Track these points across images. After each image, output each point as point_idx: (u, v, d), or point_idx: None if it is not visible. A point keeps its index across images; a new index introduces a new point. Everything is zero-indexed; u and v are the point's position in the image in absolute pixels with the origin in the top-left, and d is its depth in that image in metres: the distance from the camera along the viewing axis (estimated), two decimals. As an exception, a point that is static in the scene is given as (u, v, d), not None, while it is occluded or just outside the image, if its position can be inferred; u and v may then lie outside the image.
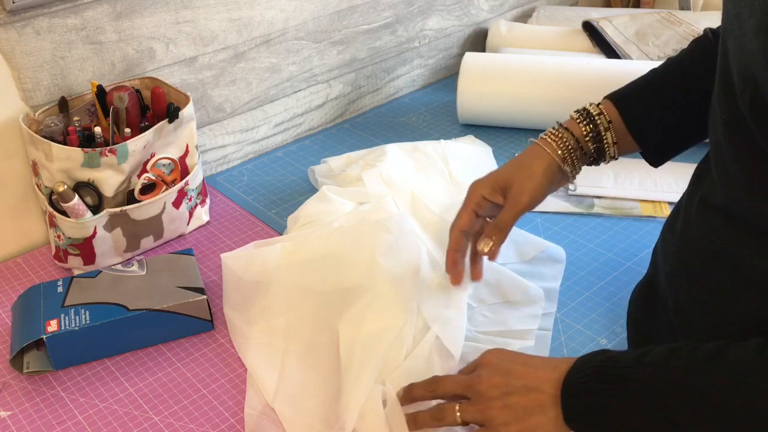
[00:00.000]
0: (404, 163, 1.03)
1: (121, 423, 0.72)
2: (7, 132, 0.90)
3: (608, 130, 0.74)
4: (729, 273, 0.58)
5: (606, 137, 0.74)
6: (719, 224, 0.59)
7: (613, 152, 0.75)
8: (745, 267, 0.57)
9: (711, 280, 0.61)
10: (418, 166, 1.03)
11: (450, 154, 1.05)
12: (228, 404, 0.74)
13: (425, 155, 1.05)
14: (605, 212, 1.01)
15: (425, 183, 0.99)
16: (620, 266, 0.91)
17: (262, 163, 1.17)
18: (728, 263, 0.58)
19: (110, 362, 0.79)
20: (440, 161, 1.04)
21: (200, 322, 0.82)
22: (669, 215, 0.72)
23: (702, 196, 0.62)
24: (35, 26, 0.87)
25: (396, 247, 0.82)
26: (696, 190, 0.65)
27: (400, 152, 1.06)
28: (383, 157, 1.03)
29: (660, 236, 0.73)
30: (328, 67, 1.23)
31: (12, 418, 0.73)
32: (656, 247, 0.74)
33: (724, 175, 0.58)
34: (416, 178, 1.00)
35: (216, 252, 0.95)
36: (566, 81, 1.16)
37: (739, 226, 0.57)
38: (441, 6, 1.36)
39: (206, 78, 1.07)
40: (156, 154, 0.91)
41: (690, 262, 0.64)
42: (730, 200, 0.58)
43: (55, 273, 0.93)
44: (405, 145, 1.09)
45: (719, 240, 0.59)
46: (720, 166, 0.59)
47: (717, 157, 0.60)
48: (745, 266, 0.57)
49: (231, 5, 1.04)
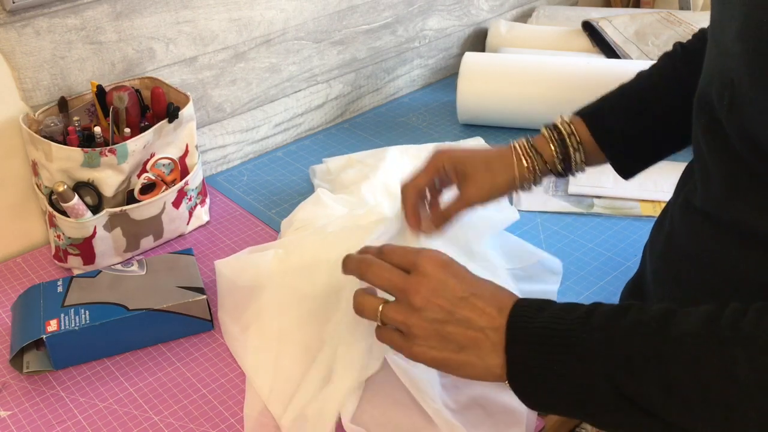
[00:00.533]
0: (404, 167, 1.03)
1: (121, 423, 0.72)
2: (7, 132, 0.90)
3: (577, 150, 0.75)
4: (710, 273, 0.60)
5: (575, 158, 0.76)
6: (700, 225, 0.60)
7: (579, 168, 0.77)
8: (726, 267, 0.58)
9: (693, 279, 0.62)
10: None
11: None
12: (228, 404, 0.74)
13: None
14: (605, 212, 1.01)
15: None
16: (620, 266, 0.91)
17: (262, 163, 1.17)
18: (709, 263, 0.59)
19: (110, 362, 0.79)
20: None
21: (200, 322, 0.82)
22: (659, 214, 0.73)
23: (685, 196, 0.64)
24: (35, 26, 0.87)
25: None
26: (681, 191, 0.66)
27: (401, 155, 1.06)
28: (382, 162, 1.03)
29: (650, 235, 0.74)
30: (328, 67, 1.23)
31: (12, 418, 0.73)
32: (646, 245, 0.75)
33: (704, 177, 0.60)
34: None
35: (216, 252, 0.95)
36: (566, 81, 1.16)
37: (718, 227, 0.58)
38: (441, 6, 1.36)
39: (206, 78, 1.07)
40: (156, 154, 0.91)
41: (674, 261, 0.65)
42: (710, 202, 0.59)
43: (55, 273, 0.93)
44: (408, 148, 1.08)
45: (701, 241, 0.60)
46: (700, 168, 0.61)
47: (698, 159, 0.61)
48: (726, 267, 0.58)
49: (231, 5, 1.04)
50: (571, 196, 1.04)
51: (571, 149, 0.75)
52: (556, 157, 0.75)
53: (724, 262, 0.58)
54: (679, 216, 0.64)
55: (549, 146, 0.76)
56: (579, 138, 0.75)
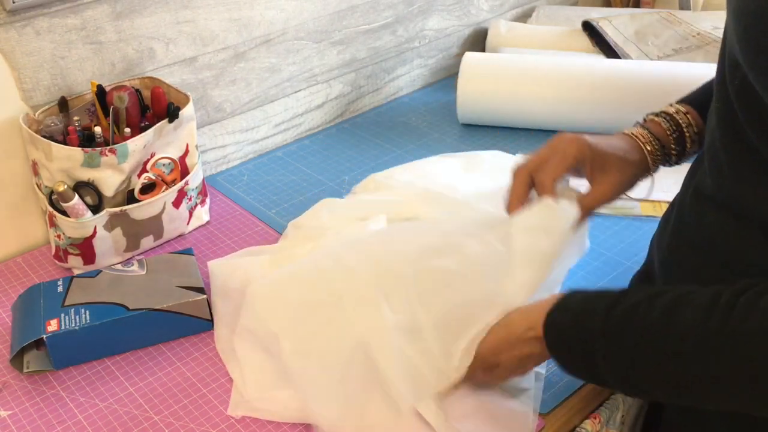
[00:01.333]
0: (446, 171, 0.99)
1: (121, 423, 0.72)
2: (7, 132, 0.90)
3: (695, 142, 0.73)
4: (719, 261, 0.60)
5: (691, 148, 0.73)
6: (710, 213, 0.61)
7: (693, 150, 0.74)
8: (735, 255, 0.58)
9: (702, 268, 0.62)
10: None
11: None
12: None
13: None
14: (605, 212, 1.01)
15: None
16: (620, 266, 0.91)
17: (262, 163, 1.17)
18: (718, 251, 0.60)
19: (110, 362, 0.79)
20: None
21: (200, 321, 0.82)
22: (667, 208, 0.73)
23: (695, 186, 0.64)
24: (35, 26, 0.87)
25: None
26: (690, 182, 0.66)
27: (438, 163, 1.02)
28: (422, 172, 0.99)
29: (657, 228, 0.74)
30: (328, 67, 1.23)
31: (12, 418, 0.73)
32: (653, 239, 0.76)
33: (715, 163, 0.60)
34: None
35: (216, 252, 0.95)
36: (566, 81, 1.16)
37: (728, 214, 0.59)
38: (441, 6, 1.36)
39: (206, 78, 1.07)
40: (156, 154, 0.91)
41: (682, 250, 0.65)
42: (720, 189, 0.59)
43: (55, 273, 0.93)
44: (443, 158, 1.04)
45: (710, 230, 0.61)
46: (711, 155, 0.61)
47: (710, 146, 0.62)
48: (735, 255, 0.58)
49: (231, 5, 1.04)
50: (571, 196, 1.04)
51: (689, 141, 0.73)
52: (674, 148, 0.73)
53: (733, 251, 0.59)
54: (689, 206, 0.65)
55: (667, 136, 0.73)
56: (696, 129, 0.73)
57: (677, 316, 0.54)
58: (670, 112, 0.74)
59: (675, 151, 0.74)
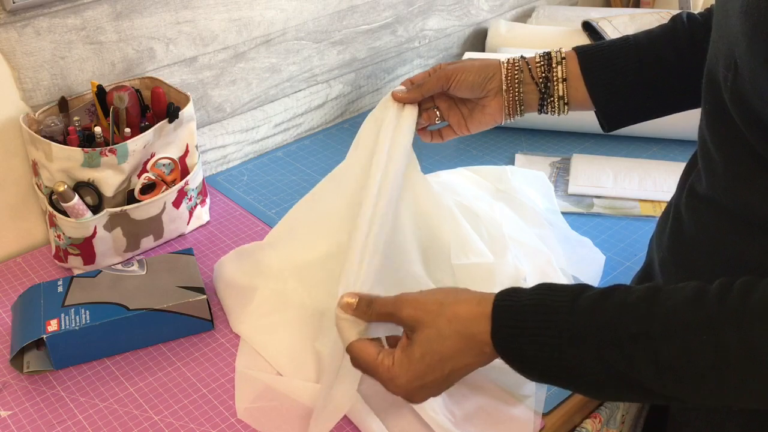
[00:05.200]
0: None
1: (121, 423, 0.72)
2: (7, 132, 0.90)
3: (560, 64, 0.76)
4: (717, 259, 0.60)
5: (556, 71, 0.76)
6: (706, 212, 0.61)
7: (561, 91, 0.76)
8: (732, 253, 0.58)
9: (700, 266, 0.62)
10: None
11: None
12: (228, 404, 0.74)
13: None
14: (605, 212, 1.01)
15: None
16: (620, 266, 0.91)
17: (262, 163, 1.17)
18: (716, 250, 0.60)
19: (110, 362, 0.79)
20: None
21: (200, 321, 0.82)
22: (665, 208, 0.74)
23: (690, 185, 0.64)
24: (35, 26, 0.87)
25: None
26: (684, 183, 0.67)
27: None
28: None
29: (655, 228, 0.75)
30: (328, 67, 1.23)
31: (12, 418, 0.73)
32: (652, 239, 0.76)
33: (708, 163, 0.60)
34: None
35: (216, 252, 0.95)
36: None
37: (724, 213, 0.59)
38: (441, 6, 1.36)
39: (206, 78, 1.07)
40: (156, 154, 0.91)
41: (681, 249, 0.66)
42: (714, 188, 0.59)
43: (55, 273, 0.93)
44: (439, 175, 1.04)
45: (706, 228, 0.61)
46: (704, 154, 0.61)
47: (702, 146, 0.62)
48: (732, 252, 0.58)
49: (231, 5, 1.04)
50: (570, 196, 1.04)
51: (555, 61, 0.76)
52: (539, 63, 0.77)
53: (730, 248, 0.59)
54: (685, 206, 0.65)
55: (536, 66, 0.77)
56: (563, 55, 0.76)
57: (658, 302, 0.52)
58: (551, 52, 0.78)
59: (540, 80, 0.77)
